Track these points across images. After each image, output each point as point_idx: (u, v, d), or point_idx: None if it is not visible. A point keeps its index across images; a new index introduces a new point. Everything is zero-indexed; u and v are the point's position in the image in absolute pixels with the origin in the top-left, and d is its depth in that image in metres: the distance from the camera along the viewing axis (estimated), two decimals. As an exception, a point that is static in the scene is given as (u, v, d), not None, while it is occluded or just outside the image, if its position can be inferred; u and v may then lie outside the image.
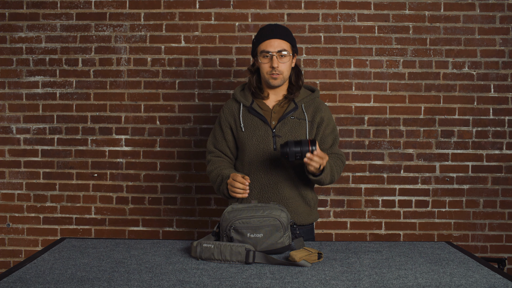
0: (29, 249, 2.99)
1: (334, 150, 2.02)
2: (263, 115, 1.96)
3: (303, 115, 1.97)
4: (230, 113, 2.03)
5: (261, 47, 1.92)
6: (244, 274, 1.43)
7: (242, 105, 2.00)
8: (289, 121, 1.95)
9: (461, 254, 1.71)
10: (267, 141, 1.94)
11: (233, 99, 2.06)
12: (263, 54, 1.91)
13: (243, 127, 1.97)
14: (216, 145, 2.06)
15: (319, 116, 1.98)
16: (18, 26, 2.95)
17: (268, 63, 1.91)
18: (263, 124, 1.95)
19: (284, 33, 1.93)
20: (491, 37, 2.91)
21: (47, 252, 1.67)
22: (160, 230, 2.99)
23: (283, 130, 1.94)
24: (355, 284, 1.35)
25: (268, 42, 1.90)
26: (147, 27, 2.93)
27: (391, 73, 2.93)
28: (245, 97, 2.02)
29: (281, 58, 1.90)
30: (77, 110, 2.96)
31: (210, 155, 2.07)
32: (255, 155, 1.95)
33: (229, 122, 2.02)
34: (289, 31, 1.97)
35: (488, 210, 2.94)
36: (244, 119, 1.98)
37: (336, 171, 1.94)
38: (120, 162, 2.97)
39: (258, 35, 1.96)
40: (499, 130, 2.93)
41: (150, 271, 1.46)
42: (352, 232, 2.96)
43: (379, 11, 2.92)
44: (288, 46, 1.93)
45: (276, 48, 1.90)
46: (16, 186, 2.98)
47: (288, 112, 1.95)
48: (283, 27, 1.96)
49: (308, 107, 1.99)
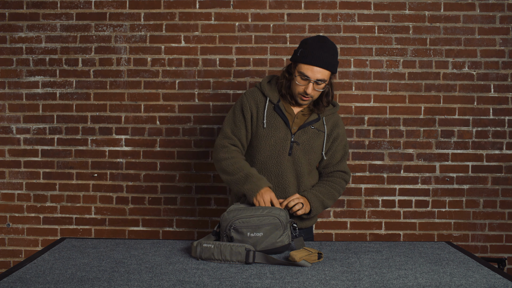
0: (29, 249, 2.99)
1: (341, 166, 2.02)
2: (287, 117, 1.93)
3: (323, 127, 1.97)
4: (255, 102, 1.95)
5: (302, 67, 1.83)
6: (244, 274, 1.43)
7: (269, 100, 1.94)
8: (309, 130, 1.94)
9: (461, 254, 1.71)
10: (284, 145, 1.92)
11: (259, 90, 1.98)
12: (301, 75, 1.84)
13: (265, 123, 1.92)
14: (235, 132, 1.96)
15: (336, 131, 1.99)
16: (18, 26, 2.95)
17: (303, 86, 1.85)
18: (285, 127, 1.93)
19: (330, 61, 1.82)
20: (491, 37, 2.91)
21: (47, 252, 1.67)
22: (160, 230, 2.99)
23: (302, 138, 1.93)
24: (355, 284, 1.35)
25: (311, 68, 1.81)
26: (147, 27, 2.93)
27: (391, 73, 2.93)
28: (273, 93, 1.95)
29: (317, 86, 1.85)
30: (77, 110, 2.96)
31: (227, 141, 1.95)
32: (269, 156, 1.93)
33: (251, 111, 1.94)
34: (335, 55, 1.85)
35: (488, 210, 2.94)
36: (268, 115, 1.93)
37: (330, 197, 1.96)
38: (120, 162, 2.97)
39: (304, 52, 1.83)
40: (499, 130, 2.93)
41: (150, 271, 1.46)
42: (352, 232, 2.96)
43: (379, 11, 2.92)
44: (328, 75, 1.85)
45: (316, 76, 1.82)
46: (16, 186, 2.98)
47: (310, 121, 1.94)
48: (332, 51, 1.83)
49: (329, 121, 1.99)
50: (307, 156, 1.94)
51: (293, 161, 1.93)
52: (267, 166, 1.94)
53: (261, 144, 1.93)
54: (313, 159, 1.97)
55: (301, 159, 1.93)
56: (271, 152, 1.93)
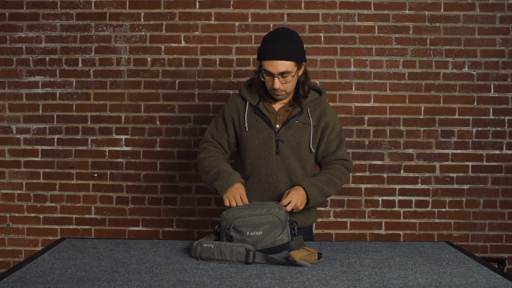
0: (29, 249, 2.99)
1: (339, 154, 1.97)
2: (268, 117, 1.92)
3: (308, 119, 1.93)
4: (235, 108, 1.97)
5: (264, 64, 1.81)
6: (244, 274, 1.43)
7: (248, 104, 1.95)
8: (293, 125, 1.91)
9: (461, 254, 1.71)
10: (269, 145, 1.91)
11: (239, 95, 1.99)
12: (265, 72, 1.82)
13: (247, 126, 1.93)
14: (215, 136, 1.99)
15: (324, 121, 1.94)
16: (18, 26, 2.95)
17: (270, 82, 1.83)
18: (267, 127, 1.91)
19: (287, 51, 1.78)
20: (491, 37, 2.91)
21: (47, 252, 1.67)
22: (160, 230, 2.99)
23: (286, 134, 1.90)
24: (355, 284, 1.35)
25: (270, 63, 1.79)
26: (147, 27, 2.93)
27: (391, 73, 2.93)
28: (252, 95, 1.96)
29: (283, 79, 1.81)
30: (77, 110, 2.96)
31: (206, 144, 1.99)
32: (256, 158, 1.92)
33: (233, 117, 1.97)
34: (294, 44, 1.80)
35: (488, 210, 2.94)
36: (249, 118, 1.94)
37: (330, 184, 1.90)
38: (120, 162, 2.97)
39: (261, 49, 1.82)
40: (499, 130, 2.93)
41: (150, 271, 1.46)
42: (352, 232, 2.96)
43: (379, 11, 2.92)
44: (292, 65, 1.80)
45: (277, 70, 1.79)
46: (16, 186, 2.98)
47: (293, 116, 1.91)
48: (288, 40, 1.80)
49: (314, 111, 1.94)
50: (296, 152, 1.91)
51: (281, 159, 1.91)
52: (256, 168, 1.93)
53: (246, 147, 1.94)
54: (303, 154, 1.93)
55: (290, 156, 1.91)
56: (258, 154, 1.92)
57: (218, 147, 1.99)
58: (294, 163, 1.92)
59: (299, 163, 1.94)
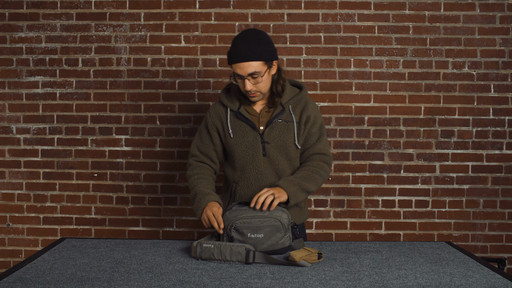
0: (29, 249, 2.99)
1: (317, 148, 1.94)
2: (251, 120, 1.90)
3: (290, 117, 1.91)
4: (217, 117, 1.95)
5: (233, 68, 1.80)
6: (244, 274, 1.43)
7: (230, 110, 1.93)
8: (277, 125, 1.90)
9: (461, 254, 1.71)
10: (256, 147, 1.89)
11: (219, 102, 1.98)
12: (235, 75, 1.81)
13: (231, 133, 1.91)
14: (201, 149, 1.98)
15: (305, 114, 1.92)
16: (18, 26, 2.95)
17: (242, 84, 1.82)
18: (252, 130, 1.90)
19: (253, 52, 1.76)
20: (491, 37, 2.91)
21: (47, 252, 1.67)
22: (160, 230, 2.99)
23: (271, 135, 1.89)
24: (355, 284, 1.35)
25: (237, 65, 1.78)
26: (147, 27, 2.93)
27: (391, 73, 2.93)
28: (231, 100, 1.94)
29: (253, 80, 1.79)
30: (77, 110, 2.96)
31: (192, 159, 1.99)
32: (244, 162, 1.91)
33: (216, 126, 1.95)
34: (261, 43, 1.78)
35: (488, 210, 2.94)
36: (232, 124, 1.92)
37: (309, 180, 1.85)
38: (120, 162, 2.97)
39: (229, 53, 1.81)
40: (499, 130, 2.93)
41: (150, 271, 1.46)
42: (352, 232, 2.96)
43: (379, 11, 2.92)
44: (260, 65, 1.78)
45: (246, 71, 1.77)
46: (16, 186, 2.98)
47: (275, 116, 1.89)
48: (254, 41, 1.77)
49: (295, 108, 1.93)
50: (282, 151, 1.90)
51: (269, 161, 1.90)
52: (245, 172, 1.92)
53: (233, 152, 1.93)
54: (291, 152, 1.92)
55: (277, 157, 1.90)
56: (245, 158, 1.91)
57: (203, 160, 1.98)
58: (282, 162, 1.92)
59: (287, 162, 1.93)
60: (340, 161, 2.94)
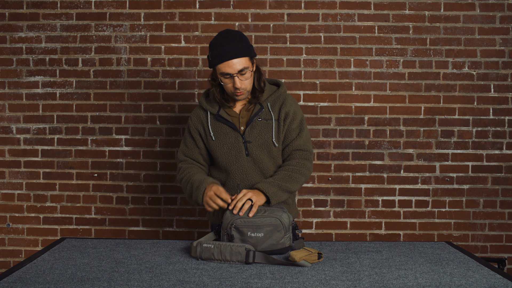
0: (29, 249, 2.99)
1: (297, 144, 1.94)
2: (231, 121, 1.92)
3: (269, 114, 1.93)
4: (199, 121, 1.97)
5: (220, 68, 1.80)
6: (244, 274, 1.43)
7: (210, 113, 1.95)
8: (257, 124, 1.91)
9: (461, 254, 1.71)
10: (238, 148, 1.91)
11: (200, 107, 2.00)
12: (223, 75, 1.81)
13: (213, 136, 1.93)
14: (187, 154, 2.00)
15: (283, 111, 1.93)
16: (18, 26, 2.95)
17: (231, 84, 1.82)
18: (233, 131, 1.91)
19: (239, 49, 1.79)
20: (491, 37, 2.91)
21: (47, 252, 1.67)
22: (160, 230, 2.99)
23: (252, 134, 1.90)
24: (355, 284, 1.35)
25: (226, 64, 1.79)
26: (147, 27, 2.93)
27: (391, 73, 2.93)
28: (211, 104, 1.96)
29: (242, 76, 1.81)
30: (77, 110, 2.96)
31: (180, 164, 2.00)
32: (228, 162, 1.92)
33: (198, 130, 1.97)
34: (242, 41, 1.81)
35: (488, 210, 2.94)
36: (213, 127, 1.94)
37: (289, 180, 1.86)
38: (120, 162, 2.97)
39: (213, 54, 1.81)
40: (499, 130, 2.93)
41: (150, 271, 1.46)
42: (352, 232, 2.96)
43: (379, 11, 2.92)
44: (247, 61, 1.81)
45: (236, 69, 1.79)
46: (16, 186, 2.98)
47: (254, 114, 1.91)
48: (236, 39, 1.81)
49: (274, 105, 1.94)
50: (265, 150, 1.91)
51: (252, 160, 1.91)
52: (230, 173, 1.94)
53: (216, 154, 1.94)
54: (273, 150, 1.92)
55: (260, 156, 1.91)
56: (228, 159, 1.92)
57: (192, 162, 2.00)
58: (266, 161, 1.93)
59: (271, 160, 1.94)
60: (340, 161, 2.94)
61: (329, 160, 2.94)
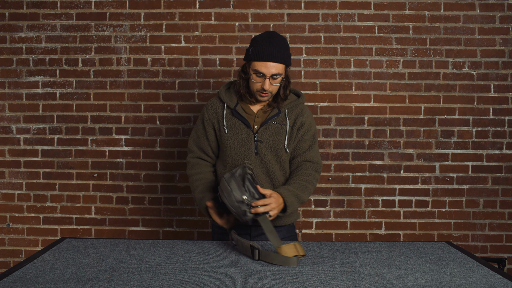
0: (29, 249, 2.99)
1: (308, 156, 1.98)
2: (247, 119, 1.95)
3: (285, 120, 1.96)
4: (214, 112, 1.99)
5: (256, 65, 1.85)
6: (244, 274, 1.44)
7: (226, 106, 1.98)
8: (271, 126, 1.94)
9: (461, 254, 1.71)
10: (248, 145, 1.93)
11: (218, 98, 2.02)
12: (256, 73, 1.86)
13: (226, 129, 1.95)
14: (198, 144, 2.03)
15: (300, 120, 1.97)
16: (18, 26, 2.95)
17: (260, 83, 1.87)
18: (246, 128, 1.94)
19: (281, 54, 1.85)
20: (491, 37, 2.91)
21: (47, 252, 1.67)
22: (160, 230, 2.99)
23: (264, 135, 1.93)
24: (355, 284, 1.35)
25: (264, 64, 1.84)
26: (147, 27, 2.93)
27: (391, 73, 2.93)
28: (230, 98, 1.98)
29: (273, 81, 1.86)
30: (77, 110, 2.96)
31: (190, 155, 2.05)
32: (236, 158, 1.94)
33: (212, 121, 1.99)
34: (286, 48, 1.88)
35: (488, 210, 2.94)
36: (228, 120, 1.96)
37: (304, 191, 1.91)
38: (120, 162, 2.97)
39: (255, 50, 1.86)
40: (499, 130, 2.93)
41: (150, 271, 1.46)
42: (352, 232, 2.96)
43: (379, 11, 2.92)
44: (283, 68, 1.87)
45: (271, 71, 1.84)
46: (16, 186, 2.98)
47: (270, 117, 1.94)
48: (282, 45, 1.86)
49: (291, 113, 1.98)
50: (274, 152, 1.94)
51: (260, 160, 1.93)
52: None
53: (226, 148, 1.96)
54: (281, 154, 1.95)
55: (268, 156, 1.94)
56: (237, 154, 1.94)
57: (200, 155, 2.04)
58: (273, 163, 1.95)
59: (278, 163, 1.96)
60: (340, 161, 2.94)
61: (329, 160, 2.94)
